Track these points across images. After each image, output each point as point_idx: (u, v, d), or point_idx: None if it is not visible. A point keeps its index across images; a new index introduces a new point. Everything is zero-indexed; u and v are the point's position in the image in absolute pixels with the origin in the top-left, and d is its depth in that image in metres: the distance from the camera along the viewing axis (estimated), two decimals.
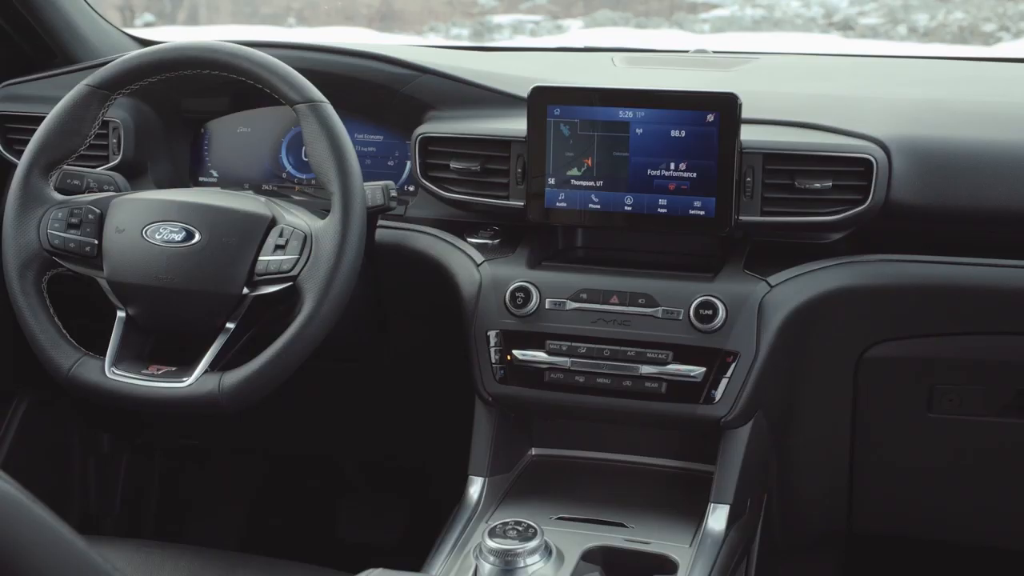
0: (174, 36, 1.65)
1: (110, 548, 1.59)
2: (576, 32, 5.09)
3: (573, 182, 1.60)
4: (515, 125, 1.63)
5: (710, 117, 1.53)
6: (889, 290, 1.55)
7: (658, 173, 1.56)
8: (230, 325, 1.53)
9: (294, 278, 1.48)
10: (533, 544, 1.35)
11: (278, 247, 1.50)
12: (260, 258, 1.50)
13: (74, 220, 1.55)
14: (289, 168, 1.90)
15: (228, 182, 1.93)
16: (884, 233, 1.57)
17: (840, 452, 1.74)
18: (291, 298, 1.50)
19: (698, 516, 1.50)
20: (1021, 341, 1.58)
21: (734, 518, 1.49)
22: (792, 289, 1.53)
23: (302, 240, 1.49)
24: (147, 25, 5.71)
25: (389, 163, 1.86)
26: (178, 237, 1.52)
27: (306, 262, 1.48)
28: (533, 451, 1.69)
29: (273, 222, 1.52)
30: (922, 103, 1.67)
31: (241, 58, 1.52)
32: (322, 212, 1.55)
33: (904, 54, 2.13)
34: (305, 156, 1.82)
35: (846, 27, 5.02)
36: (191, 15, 5.83)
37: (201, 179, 1.95)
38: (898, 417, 1.69)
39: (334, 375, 1.96)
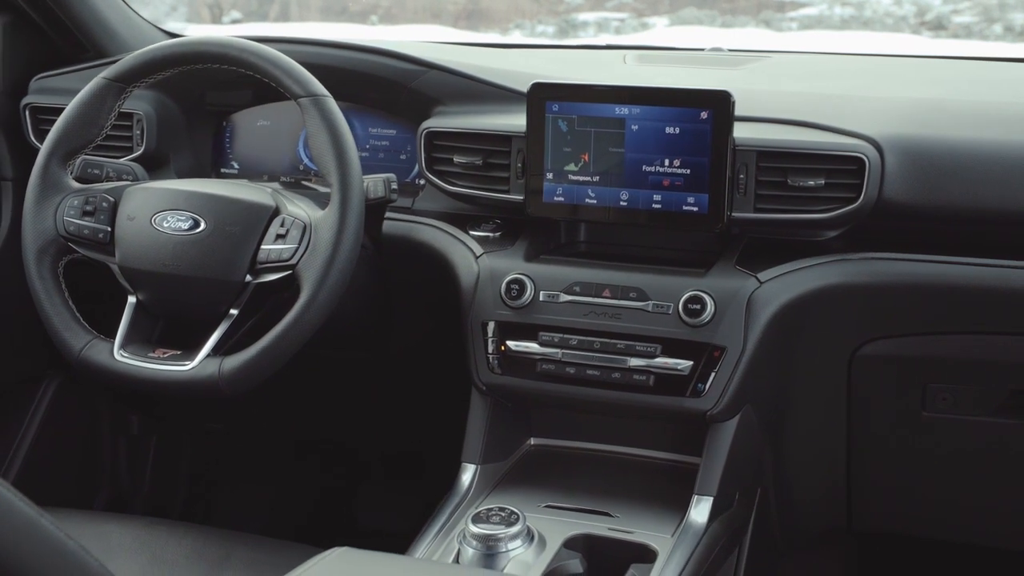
0: (251, 32, 1.72)
1: (118, 524, 1.66)
2: (661, 30, 5.08)
3: (571, 177, 1.62)
4: (518, 121, 1.66)
5: (703, 114, 1.55)
6: (880, 288, 1.56)
7: (653, 169, 1.59)
8: (233, 311, 1.58)
9: (293, 267, 1.53)
10: (515, 530, 1.39)
11: (279, 236, 1.55)
12: (262, 247, 1.55)
13: (89, 208, 1.61)
14: (306, 160, 1.95)
15: (249, 173, 1.99)
16: (879, 231, 1.57)
17: (836, 449, 1.74)
18: (292, 286, 1.54)
19: (685, 508, 1.52)
20: (1014, 341, 1.58)
21: (718, 511, 1.51)
22: (781, 285, 1.55)
23: (302, 230, 1.54)
24: (234, 22, 5.83)
25: (401, 157, 1.91)
26: (185, 225, 1.57)
27: (304, 251, 1.52)
28: (532, 441, 1.72)
29: (276, 212, 1.57)
30: (919, 102, 1.67)
31: (249, 53, 1.57)
32: (325, 203, 1.60)
33: (921, 53, 2.12)
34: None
35: (938, 26, 4.94)
36: (283, 12, 5.93)
37: (223, 170, 2.01)
38: (893, 415, 1.69)
39: (347, 365, 2.02)
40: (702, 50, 2.12)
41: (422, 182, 1.85)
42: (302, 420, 2.29)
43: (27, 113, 2.00)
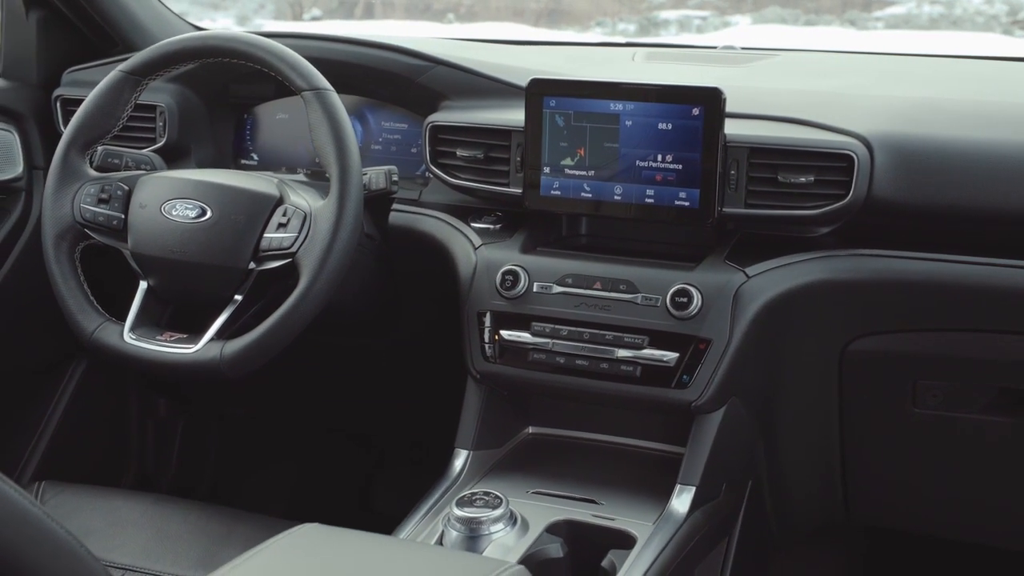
0: (326, 29, 1.77)
1: (127, 499, 1.73)
2: (744, 28, 5.06)
3: (567, 171, 1.66)
4: (520, 116, 1.70)
5: (695, 111, 1.57)
6: (868, 285, 1.57)
7: (646, 164, 1.61)
8: (238, 297, 1.64)
9: (293, 255, 1.58)
10: (497, 513, 1.43)
11: (281, 225, 1.60)
12: (265, 235, 1.61)
13: (104, 196, 1.68)
14: None
15: (268, 165, 2.05)
16: (871, 228, 1.58)
17: (830, 444, 1.76)
18: (293, 273, 1.60)
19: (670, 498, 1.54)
20: (1003, 339, 1.58)
21: (701, 500, 1.53)
22: (769, 280, 1.57)
23: (302, 219, 1.59)
24: (314, 19, 5.93)
25: (412, 150, 1.95)
26: (192, 214, 1.63)
27: (304, 240, 1.58)
28: (531, 429, 1.76)
29: (280, 201, 1.62)
30: (913, 101, 1.68)
31: (255, 47, 1.63)
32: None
33: (928, 53, 2.12)
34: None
35: None
36: (367, 10, 6.00)
37: (243, 162, 2.08)
38: (884, 411, 1.70)
39: (360, 353, 2.07)
40: (714, 48, 2.14)
41: (430, 175, 1.89)
42: (320, 407, 2.35)
43: (58, 104, 2.08)
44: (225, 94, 2.05)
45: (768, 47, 2.14)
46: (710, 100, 1.56)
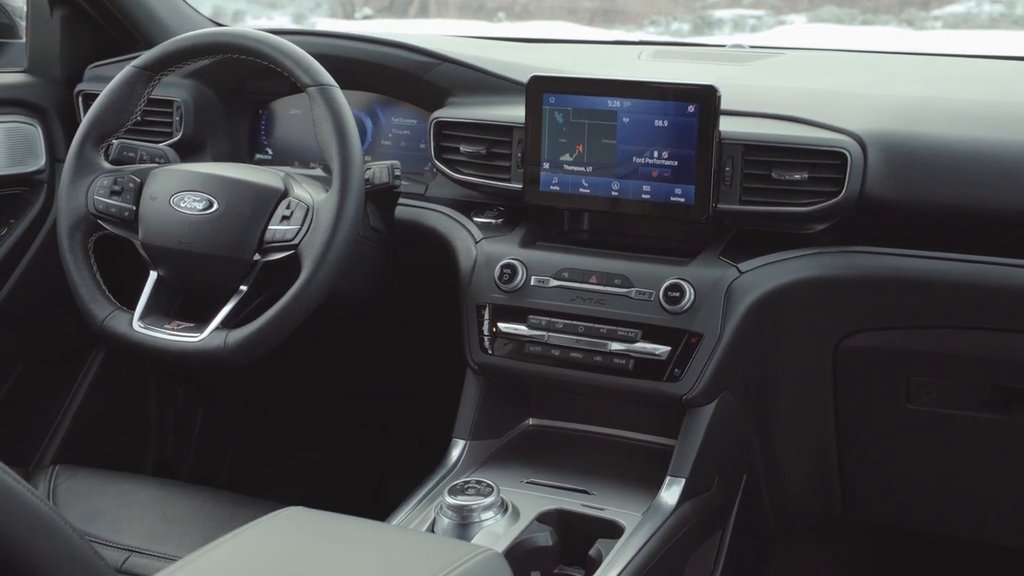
0: (377, 27, 1.83)
1: (137, 483, 1.78)
2: (800, 27, 5.04)
3: (566, 167, 1.68)
4: (521, 112, 1.73)
5: (690, 108, 1.60)
6: (859, 281, 1.58)
7: (642, 161, 1.64)
8: (243, 288, 1.68)
9: (295, 246, 1.62)
10: (488, 501, 1.46)
11: (284, 218, 1.64)
12: (269, 227, 1.65)
13: (116, 188, 1.73)
14: None
15: (282, 159, 2.10)
16: (866, 226, 1.60)
17: (825, 439, 1.77)
18: (296, 265, 1.64)
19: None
20: (995, 337, 1.59)
21: (690, 493, 1.55)
22: (761, 276, 1.59)
23: (305, 212, 1.63)
24: (365, 18, 6.00)
25: (421, 145, 1.99)
26: (199, 206, 1.68)
27: (306, 232, 1.61)
28: (531, 421, 1.79)
29: (284, 194, 1.66)
30: (908, 100, 1.69)
31: (262, 44, 1.67)
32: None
33: (933, 52, 2.12)
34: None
35: None
36: (422, 9, 6.05)
37: (257, 156, 2.12)
38: (878, 408, 1.71)
39: (369, 345, 2.11)
40: (723, 47, 2.15)
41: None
42: (330, 397, 2.39)
43: (79, 99, 2.13)
44: (241, 90, 2.09)
45: (777, 46, 2.15)
46: (705, 98, 1.58)
